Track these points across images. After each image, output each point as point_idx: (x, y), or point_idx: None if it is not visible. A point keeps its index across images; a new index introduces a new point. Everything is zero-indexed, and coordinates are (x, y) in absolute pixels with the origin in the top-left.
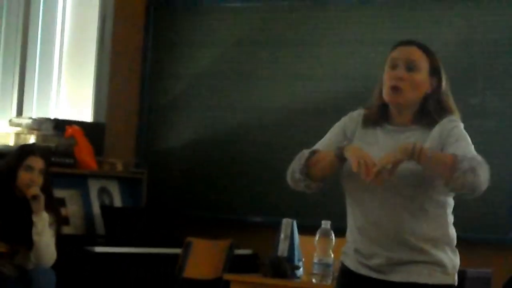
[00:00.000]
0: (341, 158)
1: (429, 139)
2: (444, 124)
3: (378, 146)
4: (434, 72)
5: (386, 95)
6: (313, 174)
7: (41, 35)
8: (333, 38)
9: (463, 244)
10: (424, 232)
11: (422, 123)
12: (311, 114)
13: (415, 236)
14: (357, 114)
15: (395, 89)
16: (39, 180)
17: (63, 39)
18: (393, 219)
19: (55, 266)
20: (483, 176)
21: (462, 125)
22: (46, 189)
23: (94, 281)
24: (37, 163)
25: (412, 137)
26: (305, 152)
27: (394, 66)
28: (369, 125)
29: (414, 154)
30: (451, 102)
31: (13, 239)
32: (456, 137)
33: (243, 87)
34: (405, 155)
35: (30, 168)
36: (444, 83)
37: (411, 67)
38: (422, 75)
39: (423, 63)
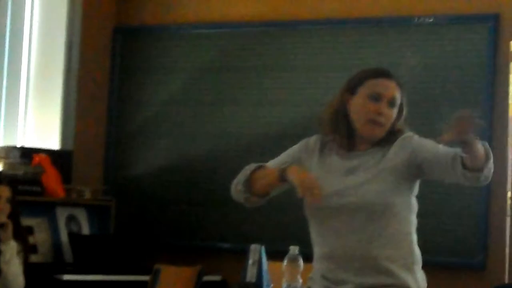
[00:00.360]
0: (283, 179)
1: (385, 160)
2: (400, 142)
3: (337, 173)
4: (401, 109)
5: (363, 126)
6: (255, 189)
7: (7, 62)
8: (299, 63)
9: (430, 267)
10: (391, 252)
11: (378, 146)
12: (281, 139)
13: (383, 257)
14: (313, 141)
15: (375, 123)
16: (6, 208)
17: (29, 66)
18: (359, 242)
19: None
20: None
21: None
22: (14, 217)
23: None
24: (4, 191)
25: (366, 161)
26: (252, 166)
27: (376, 99)
28: (327, 153)
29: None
30: (404, 125)
31: None
32: (425, 142)
33: (211, 113)
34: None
35: None
36: (404, 115)
37: (392, 103)
38: (396, 111)
39: (398, 99)
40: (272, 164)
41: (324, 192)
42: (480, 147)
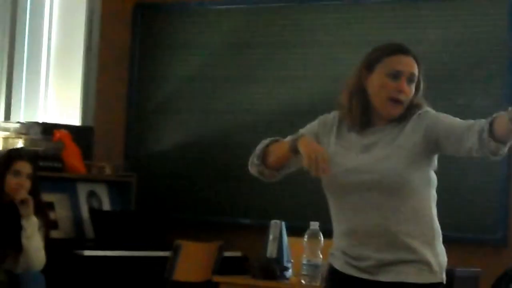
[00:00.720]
0: (294, 150)
1: (402, 136)
2: (417, 118)
3: (354, 149)
4: (418, 84)
5: (383, 104)
6: (269, 162)
7: (28, 39)
8: (320, 39)
9: (452, 243)
10: (411, 228)
11: (396, 121)
12: (299, 116)
13: (403, 233)
14: (331, 119)
15: (396, 101)
16: (27, 184)
17: (50, 43)
18: (379, 218)
19: (44, 270)
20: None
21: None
22: (35, 193)
23: (83, 284)
24: (25, 167)
25: (383, 137)
26: (268, 140)
27: (395, 77)
28: (345, 130)
29: None
30: (422, 99)
31: (2, 244)
32: (441, 116)
33: (231, 90)
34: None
35: (17, 173)
36: (421, 90)
37: (411, 80)
38: (414, 87)
39: (417, 75)
40: (290, 139)
41: (342, 168)
42: None
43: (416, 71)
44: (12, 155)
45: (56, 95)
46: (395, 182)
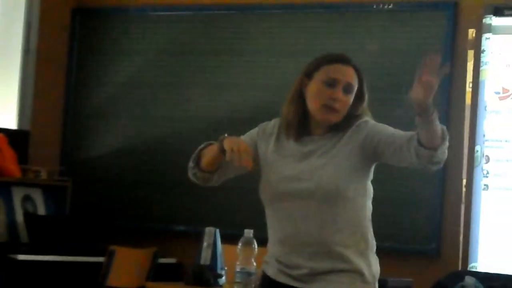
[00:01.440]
0: (222, 149)
1: (339, 146)
2: (358, 128)
3: (292, 158)
4: (361, 96)
5: (317, 111)
6: (202, 164)
7: None
8: (257, 48)
9: (385, 253)
10: (345, 238)
11: (334, 131)
12: (238, 124)
13: (336, 243)
14: (271, 126)
15: (330, 108)
16: None
17: None
18: (313, 227)
19: None
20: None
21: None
22: None
23: None
24: None
25: (321, 146)
26: (203, 144)
27: (331, 85)
28: (283, 138)
29: (426, 109)
30: (365, 111)
31: None
32: (381, 126)
33: (169, 96)
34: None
35: None
36: (365, 102)
37: (348, 90)
38: (352, 96)
39: (355, 85)
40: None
41: (279, 176)
42: (438, 124)
43: (354, 81)
44: None
45: None
46: (330, 191)
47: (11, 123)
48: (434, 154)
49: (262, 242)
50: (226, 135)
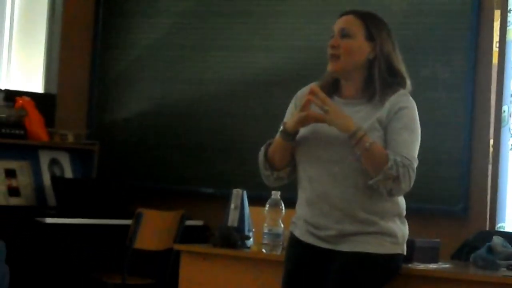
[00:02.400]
0: (286, 134)
1: (377, 118)
2: (394, 100)
3: None
4: (371, 37)
5: (328, 67)
6: (276, 164)
7: None
8: (288, 8)
9: (412, 214)
10: (372, 205)
11: (370, 94)
12: (264, 86)
13: (364, 209)
14: (306, 91)
15: (333, 56)
16: None
17: (13, 9)
18: (341, 193)
19: (5, 237)
20: (405, 185)
21: (414, 105)
22: None
23: (44, 252)
24: None
25: (361, 112)
26: (262, 149)
27: (331, 37)
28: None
29: (353, 138)
30: (398, 66)
31: None
32: (403, 123)
33: (195, 58)
34: (345, 132)
35: None
36: (386, 47)
37: (344, 34)
38: (357, 41)
39: (357, 29)
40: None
41: (314, 139)
42: (370, 152)
43: (350, 25)
44: None
45: (19, 62)
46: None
47: (38, 87)
48: (378, 181)
49: (290, 203)
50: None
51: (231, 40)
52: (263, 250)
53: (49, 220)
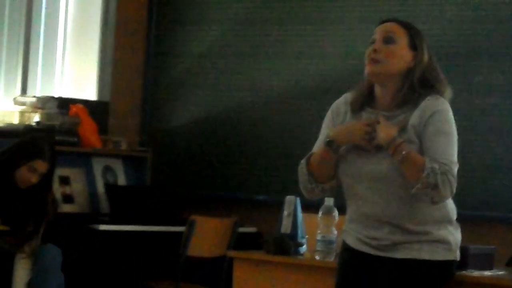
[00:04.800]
0: (330, 145)
1: (410, 124)
2: (426, 105)
3: None
4: (414, 46)
5: (366, 69)
6: (319, 176)
7: (45, 13)
8: (337, 16)
9: (467, 221)
10: (420, 216)
11: (405, 104)
12: (314, 93)
13: (413, 222)
14: (343, 101)
15: (373, 61)
16: (34, 181)
17: (67, 16)
18: (388, 208)
19: (58, 244)
20: (445, 191)
21: (446, 107)
22: (44, 190)
23: (98, 259)
24: (42, 167)
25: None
26: (302, 162)
27: (372, 42)
28: (356, 110)
29: (390, 146)
30: (437, 77)
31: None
32: (437, 128)
33: (247, 65)
34: (383, 143)
35: (33, 170)
36: (425, 57)
37: (387, 40)
38: (399, 47)
39: (401, 36)
40: (317, 147)
41: (353, 159)
42: (408, 160)
43: (394, 32)
44: (35, 152)
45: (73, 70)
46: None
47: (91, 94)
48: (417, 189)
49: (343, 210)
50: (327, 135)
51: (284, 47)
52: (316, 257)
53: (102, 227)
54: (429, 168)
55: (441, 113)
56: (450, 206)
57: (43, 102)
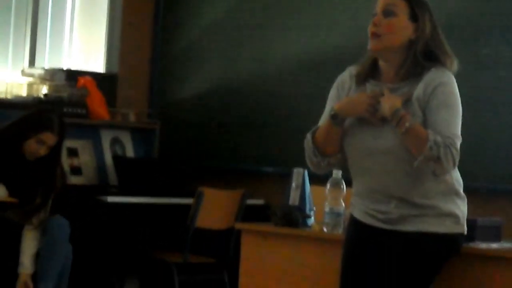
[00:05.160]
0: (335, 118)
1: (414, 96)
2: (429, 78)
3: None
4: (415, 17)
5: (368, 45)
6: (325, 150)
7: None
8: None
9: (473, 193)
10: (427, 189)
11: (410, 77)
12: (323, 66)
13: (419, 195)
14: (348, 75)
15: (374, 35)
16: (42, 152)
17: None
18: (394, 182)
19: (66, 215)
20: (447, 165)
21: (450, 79)
22: (53, 162)
23: (106, 230)
24: (50, 139)
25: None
26: (308, 136)
27: (373, 15)
28: (360, 83)
29: (394, 117)
30: (441, 49)
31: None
32: (440, 101)
33: (255, 38)
34: (387, 114)
35: (41, 142)
36: (428, 28)
37: (387, 12)
38: (400, 20)
39: (401, 8)
40: (323, 119)
41: (359, 134)
42: (413, 132)
43: (392, 5)
44: (44, 124)
45: (81, 42)
46: (406, 148)
47: (99, 67)
48: (420, 162)
49: (351, 183)
50: (331, 108)
51: (291, 19)
52: (324, 229)
53: (110, 199)
54: (432, 141)
55: (445, 85)
56: (456, 178)
57: (51, 74)
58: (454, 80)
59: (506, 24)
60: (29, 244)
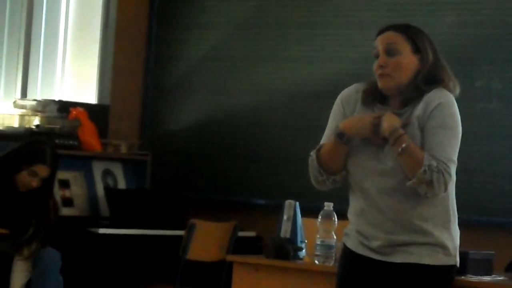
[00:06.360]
0: (341, 138)
1: (415, 115)
2: (429, 98)
3: None
4: (417, 49)
5: (378, 83)
6: (330, 168)
7: (46, 16)
8: (336, 20)
9: (466, 226)
10: (425, 211)
11: (412, 101)
12: (314, 97)
13: (414, 216)
14: (354, 90)
15: (381, 76)
16: (35, 185)
17: (67, 20)
18: (392, 202)
19: (58, 247)
20: (439, 189)
21: (450, 99)
22: (45, 194)
23: (98, 262)
24: (43, 172)
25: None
26: (312, 154)
27: (376, 56)
28: (368, 103)
29: (391, 136)
30: (444, 71)
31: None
32: (439, 122)
33: (247, 69)
34: (385, 133)
35: (34, 174)
36: (430, 56)
37: (390, 52)
38: (405, 57)
39: (402, 45)
40: (325, 138)
41: (360, 153)
42: (408, 153)
43: (394, 41)
44: (37, 156)
45: (73, 73)
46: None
47: (91, 98)
48: (413, 183)
49: (342, 215)
50: (337, 127)
51: (283, 51)
52: (316, 262)
53: (102, 231)
54: (427, 165)
55: (444, 106)
56: (453, 207)
57: (43, 106)
58: (455, 102)
59: (498, 56)
60: (19, 275)
